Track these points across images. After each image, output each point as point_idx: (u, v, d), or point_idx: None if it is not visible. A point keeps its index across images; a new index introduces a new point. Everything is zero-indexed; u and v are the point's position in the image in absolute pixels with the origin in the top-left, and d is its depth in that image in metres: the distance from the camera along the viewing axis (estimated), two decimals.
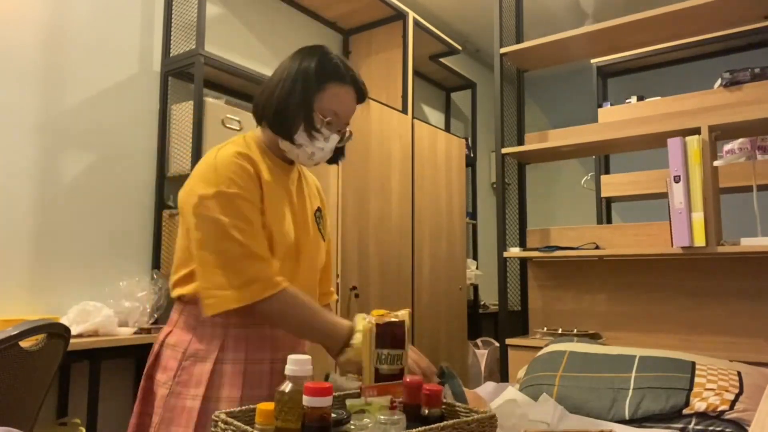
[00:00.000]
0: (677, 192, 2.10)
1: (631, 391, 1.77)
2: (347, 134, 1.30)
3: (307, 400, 0.75)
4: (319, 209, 1.38)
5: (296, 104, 1.21)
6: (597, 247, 2.51)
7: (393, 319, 1.09)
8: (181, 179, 2.54)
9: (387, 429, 0.83)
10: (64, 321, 1.97)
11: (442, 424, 0.84)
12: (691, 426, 1.63)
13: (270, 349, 1.23)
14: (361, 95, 1.29)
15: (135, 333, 2.18)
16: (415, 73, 4.03)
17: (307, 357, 0.82)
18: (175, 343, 1.21)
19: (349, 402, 0.92)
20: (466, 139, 4.50)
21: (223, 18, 2.96)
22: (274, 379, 1.21)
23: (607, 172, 3.70)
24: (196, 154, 2.41)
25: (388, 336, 1.07)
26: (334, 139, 1.25)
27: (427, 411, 0.90)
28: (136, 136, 2.55)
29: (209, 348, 1.18)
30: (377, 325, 1.08)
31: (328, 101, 1.23)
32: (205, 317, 1.16)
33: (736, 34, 2.92)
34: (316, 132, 1.21)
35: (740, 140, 2.18)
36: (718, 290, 2.27)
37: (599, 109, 3.04)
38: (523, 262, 2.77)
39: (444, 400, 0.95)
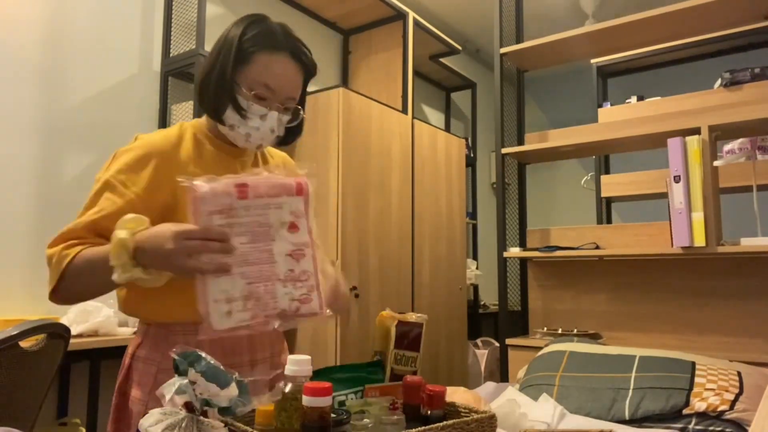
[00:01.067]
0: (677, 192, 2.10)
1: (631, 391, 1.77)
2: (298, 112, 1.15)
3: (306, 400, 0.75)
4: None
5: (217, 80, 1.07)
6: (597, 247, 2.51)
7: (413, 320, 1.09)
8: None
9: (387, 429, 0.83)
10: (64, 321, 1.97)
11: (441, 423, 0.84)
12: (691, 426, 1.63)
13: (248, 350, 1.14)
14: (306, 67, 1.15)
15: (135, 333, 2.18)
16: (415, 73, 4.03)
17: (307, 357, 0.82)
18: (146, 356, 1.13)
19: (349, 402, 0.92)
20: (466, 139, 4.50)
21: (223, 18, 2.96)
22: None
23: (607, 172, 3.70)
24: None
25: (406, 337, 1.08)
26: (273, 116, 1.09)
27: (428, 411, 0.90)
28: None
29: None
30: (399, 323, 1.08)
31: (257, 73, 1.08)
32: (174, 326, 1.10)
33: (736, 34, 2.91)
34: (243, 110, 1.07)
35: (740, 140, 2.18)
36: (718, 290, 2.27)
37: (599, 109, 3.03)
38: (523, 262, 2.77)
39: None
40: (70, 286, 1.02)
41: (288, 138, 1.19)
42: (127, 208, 1.02)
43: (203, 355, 0.76)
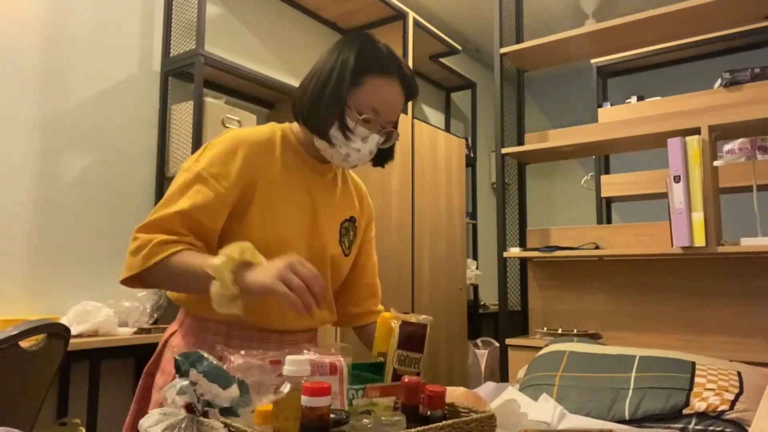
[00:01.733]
0: (677, 192, 2.10)
1: (631, 391, 1.77)
2: (393, 135, 1.15)
3: (305, 400, 0.75)
4: (349, 219, 1.23)
5: (329, 99, 1.07)
6: (597, 247, 2.51)
7: (415, 321, 1.09)
8: None
9: (387, 429, 0.83)
10: (64, 321, 1.97)
11: (441, 423, 0.84)
12: (691, 426, 1.62)
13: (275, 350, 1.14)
14: (409, 90, 1.16)
15: (135, 333, 2.18)
16: (415, 73, 4.03)
17: (305, 357, 0.82)
18: (176, 345, 1.16)
19: (354, 402, 0.92)
20: (466, 139, 4.50)
21: (223, 18, 2.96)
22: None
23: (607, 172, 3.70)
24: None
25: (410, 338, 1.08)
26: (374, 139, 1.11)
27: (428, 412, 0.90)
28: (136, 136, 2.55)
29: None
30: (403, 323, 1.08)
31: (367, 97, 1.09)
32: (208, 321, 1.13)
33: (736, 34, 2.91)
34: (349, 132, 1.08)
35: (740, 140, 2.17)
36: (718, 290, 2.27)
37: (599, 109, 3.03)
38: (523, 262, 2.77)
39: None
40: (154, 279, 1.06)
41: (381, 159, 1.20)
42: (217, 202, 1.06)
43: (205, 355, 0.76)
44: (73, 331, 1.83)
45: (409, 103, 3.39)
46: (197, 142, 2.41)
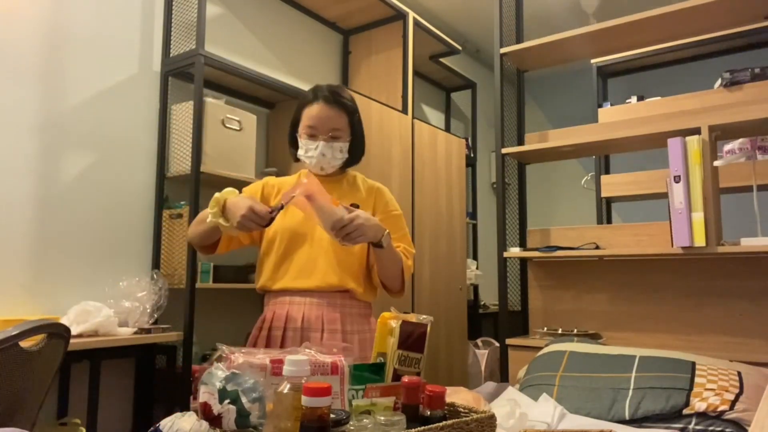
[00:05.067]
0: (677, 192, 2.10)
1: (631, 391, 1.77)
2: (339, 141, 1.57)
3: (305, 400, 0.75)
4: (351, 206, 1.52)
5: (290, 134, 1.66)
6: (597, 247, 2.51)
7: (415, 321, 1.09)
8: (181, 179, 2.54)
9: (386, 429, 0.83)
10: (64, 321, 1.97)
11: (441, 423, 0.84)
12: (691, 426, 1.63)
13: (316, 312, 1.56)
14: (331, 100, 1.57)
15: (135, 333, 2.18)
16: (415, 73, 4.03)
17: (305, 358, 0.82)
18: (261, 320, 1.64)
19: (354, 402, 0.93)
20: (466, 139, 4.50)
21: (223, 18, 2.96)
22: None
23: (607, 172, 3.70)
24: (196, 154, 2.41)
25: (410, 337, 1.08)
26: (326, 146, 1.55)
27: (428, 412, 0.90)
28: (136, 136, 2.55)
29: None
30: (403, 323, 1.08)
31: (305, 119, 1.58)
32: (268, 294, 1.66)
33: (736, 34, 2.91)
34: (301, 146, 1.59)
35: (740, 140, 2.17)
36: (718, 290, 2.27)
37: (599, 109, 3.03)
38: (523, 262, 2.77)
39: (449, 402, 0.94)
40: (191, 235, 1.60)
41: (349, 162, 1.65)
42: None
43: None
44: (73, 331, 1.83)
45: (409, 103, 3.39)
46: (197, 142, 2.41)
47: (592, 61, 3.55)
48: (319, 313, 1.52)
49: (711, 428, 1.60)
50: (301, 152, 1.59)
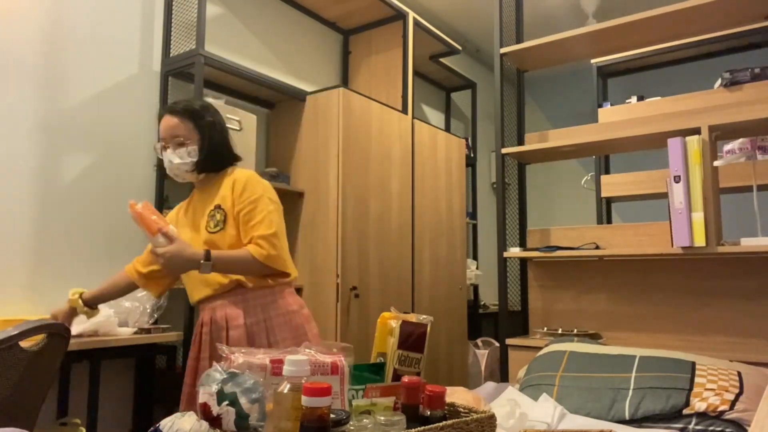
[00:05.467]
0: (677, 192, 2.10)
1: (631, 391, 1.77)
2: (185, 146, 1.66)
3: (305, 400, 0.75)
4: (214, 207, 1.69)
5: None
6: (597, 247, 2.51)
7: (415, 321, 1.09)
8: None
9: (386, 429, 0.83)
10: None
11: (441, 423, 0.84)
12: (691, 426, 1.63)
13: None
14: (173, 109, 1.69)
15: (135, 333, 2.18)
16: (415, 73, 4.03)
17: (305, 358, 0.82)
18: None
19: (354, 402, 0.93)
20: (466, 139, 4.49)
21: (223, 18, 2.96)
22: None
23: (607, 172, 3.69)
24: None
25: (410, 337, 1.08)
26: (171, 153, 1.67)
27: (428, 412, 0.90)
28: (136, 136, 2.55)
29: None
30: (403, 323, 1.08)
31: (160, 134, 1.71)
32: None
33: (736, 34, 2.91)
34: (159, 157, 1.73)
35: (740, 140, 2.17)
36: (718, 290, 2.27)
37: (599, 109, 3.03)
38: (523, 262, 2.77)
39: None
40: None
41: (206, 164, 1.71)
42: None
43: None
44: (73, 331, 1.83)
45: (409, 103, 3.39)
46: None
47: (592, 61, 3.55)
48: (222, 312, 1.66)
49: (711, 428, 1.60)
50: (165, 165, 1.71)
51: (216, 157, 1.72)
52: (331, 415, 0.79)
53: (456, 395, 1.64)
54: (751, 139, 2.15)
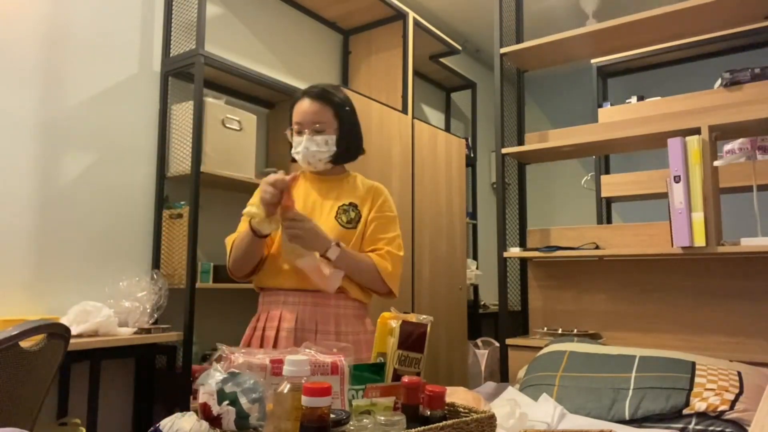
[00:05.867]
0: (677, 192, 2.10)
1: (631, 391, 1.77)
2: (323, 134, 1.59)
3: (305, 400, 0.75)
4: (349, 204, 1.64)
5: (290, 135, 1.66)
6: (597, 247, 2.51)
7: (415, 321, 1.09)
8: (181, 179, 2.54)
9: (386, 429, 0.83)
10: (64, 321, 1.97)
11: (441, 423, 0.84)
12: (691, 426, 1.63)
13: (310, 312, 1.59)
14: (315, 95, 1.59)
15: (135, 333, 2.18)
16: (415, 73, 4.03)
17: (305, 358, 0.82)
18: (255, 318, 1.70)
19: (354, 402, 0.92)
20: (466, 139, 4.49)
21: (223, 18, 2.96)
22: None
23: (607, 172, 3.69)
24: (196, 154, 2.41)
25: (410, 337, 1.08)
26: (309, 140, 1.57)
27: (428, 412, 0.90)
28: (136, 136, 2.55)
29: None
30: (403, 323, 1.08)
31: (293, 117, 1.62)
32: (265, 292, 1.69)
33: (736, 34, 2.91)
34: (290, 141, 1.64)
35: (740, 140, 2.18)
36: (718, 290, 2.27)
37: (599, 109, 3.03)
38: (523, 262, 2.77)
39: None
40: (234, 266, 1.60)
41: (343, 156, 1.65)
42: None
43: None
44: (73, 331, 1.83)
45: (409, 103, 3.39)
46: (197, 142, 2.41)
47: (592, 61, 3.55)
48: (312, 313, 1.53)
49: (711, 428, 1.60)
50: (293, 150, 1.62)
51: (352, 149, 1.68)
52: (331, 415, 0.79)
53: (456, 395, 1.64)
54: (751, 139, 2.15)
